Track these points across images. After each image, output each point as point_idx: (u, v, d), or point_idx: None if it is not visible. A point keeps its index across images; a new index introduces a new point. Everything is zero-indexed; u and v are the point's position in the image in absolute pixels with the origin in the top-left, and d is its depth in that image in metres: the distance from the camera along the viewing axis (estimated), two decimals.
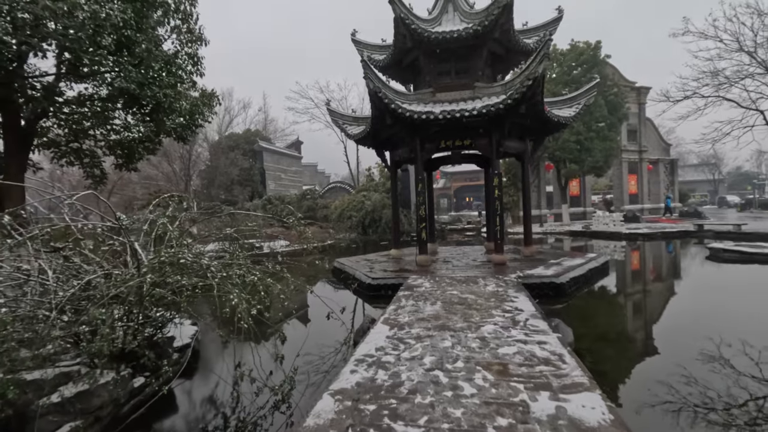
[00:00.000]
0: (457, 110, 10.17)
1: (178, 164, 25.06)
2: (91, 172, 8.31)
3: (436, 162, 15.21)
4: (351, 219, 27.29)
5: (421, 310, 6.56)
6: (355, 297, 10.61)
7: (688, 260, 15.75)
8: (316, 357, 6.26)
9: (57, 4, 5.45)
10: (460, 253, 14.41)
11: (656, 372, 5.28)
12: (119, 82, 6.58)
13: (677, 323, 7.68)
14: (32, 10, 5.41)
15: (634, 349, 6.50)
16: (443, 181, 59.69)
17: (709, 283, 11.47)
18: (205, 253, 4.95)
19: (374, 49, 13.26)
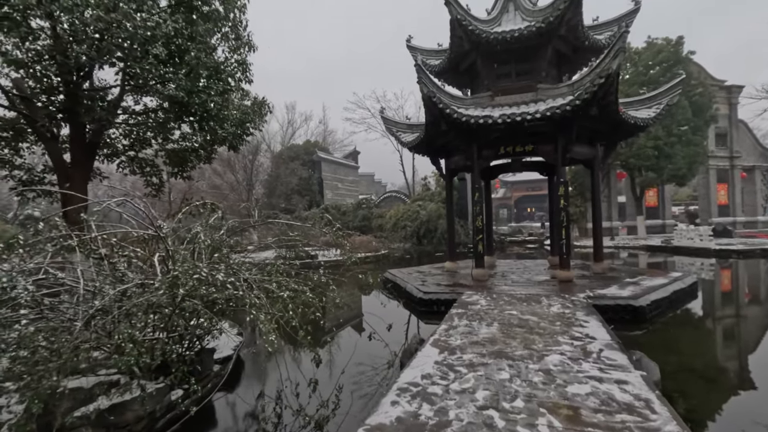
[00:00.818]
0: (518, 113, 9.43)
1: (241, 174, 26.36)
2: (150, 180, 8.73)
3: (495, 170, 14.37)
4: (405, 229, 26.89)
5: (476, 332, 5.93)
6: (405, 311, 10.13)
7: None
8: (360, 376, 5.86)
9: (110, 15, 5.73)
10: (521, 267, 13.41)
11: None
12: (169, 90, 6.81)
13: None
14: (87, 22, 5.73)
15: (734, 390, 5.37)
16: (503, 191, 57.53)
17: None
18: (243, 264, 4.78)
19: (429, 54, 12.87)
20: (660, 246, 22.35)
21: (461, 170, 13.41)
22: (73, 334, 3.05)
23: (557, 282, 10.05)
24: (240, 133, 8.55)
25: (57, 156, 7.62)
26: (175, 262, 4.09)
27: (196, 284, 3.34)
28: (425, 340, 5.67)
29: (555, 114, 9.08)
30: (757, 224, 31.04)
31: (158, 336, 4.00)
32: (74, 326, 3.13)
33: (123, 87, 7.35)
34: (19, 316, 3.15)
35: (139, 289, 3.58)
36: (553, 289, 9.34)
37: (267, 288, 4.39)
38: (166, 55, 6.51)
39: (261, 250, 22.93)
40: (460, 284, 10.35)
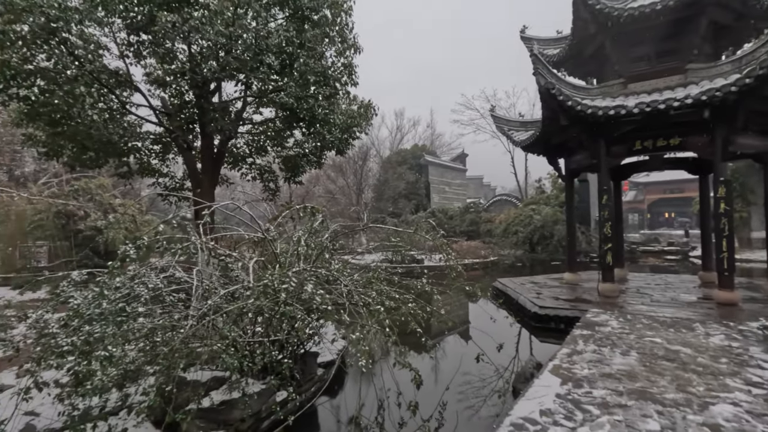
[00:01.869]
0: (661, 100, 7.91)
1: (351, 179, 27.58)
2: (268, 186, 9.44)
3: (627, 169, 12.45)
4: (517, 235, 25.16)
5: (607, 361, 4.97)
6: (516, 326, 9.23)
7: None
8: (464, 395, 5.35)
9: (229, 29, 6.24)
10: (661, 283, 11.34)
11: None
12: (280, 98, 7.19)
13: None
14: (212, 38, 6.33)
15: None
16: (633, 194, 50.70)
17: None
18: (344, 270, 4.66)
19: (547, 43, 11.69)
20: None
21: (584, 170, 11.91)
22: (183, 330, 3.20)
23: (715, 305, 8.17)
24: (347, 138, 8.73)
25: (191, 165, 8.74)
26: (281, 266, 4.16)
27: (284, 294, 3.29)
28: (543, 365, 4.91)
29: (714, 98, 7.39)
30: None
31: (260, 339, 4.07)
32: (184, 324, 3.30)
33: (245, 99, 8.07)
34: (142, 312, 3.44)
35: (247, 291, 3.68)
36: (709, 313, 7.59)
37: (366, 296, 4.19)
38: (277, 64, 6.93)
39: (368, 252, 23.56)
40: (584, 300, 9.08)
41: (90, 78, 6.80)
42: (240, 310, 3.44)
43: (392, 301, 4.38)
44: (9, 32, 6.01)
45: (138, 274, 3.93)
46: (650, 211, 50.20)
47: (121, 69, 7.86)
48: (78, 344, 2.96)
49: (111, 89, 7.49)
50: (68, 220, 15.96)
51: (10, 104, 7.04)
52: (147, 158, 9.26)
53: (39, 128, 7.34)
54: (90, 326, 3.15)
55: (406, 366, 3.87)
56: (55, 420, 3.73)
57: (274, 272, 3.47)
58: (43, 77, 6.64)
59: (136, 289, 3.59)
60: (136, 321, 3.30)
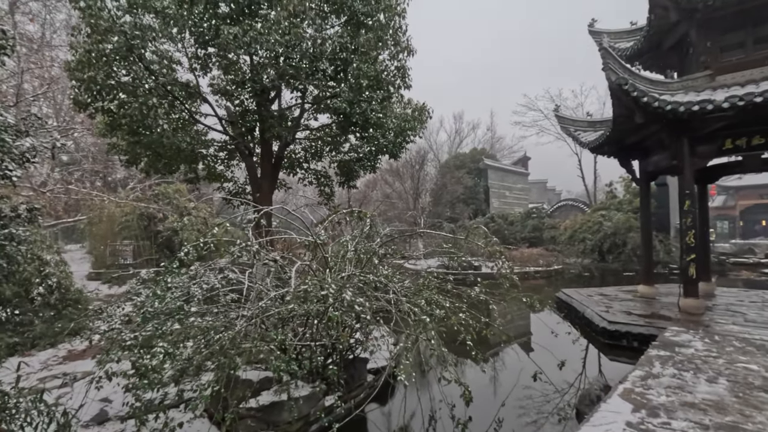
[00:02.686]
0: (758, 93, 6.96)
1: (408, 183, 27.48)
2: (323, 190, 9.62)
3: (715, 171, 11.12)
4: (584, 242, 23.53)
5: (690, 388, 4.39)
6: (582, 341, 8.55)
7: None
8: (524, 416, 5.00)
9: (285, 37, 6.42)
10: (757, 300, 9.95)
11: None
12: (334, 103, 7.27)
13: None
14: (270, 47, 6.58)
15: None
16: (722, 199, 45.55)
17: None
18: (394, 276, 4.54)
19: (619, 36, 10.83)
20: None
21: (663, 172, 10.84)
22: (233, 331, 3.28)
23: None
24: (401, 141, 8.63)
25: (252, 170, 9.16)
26: (331, 270, 4.16)
27: (331, 299, 3.23)
28: (612, 388, 4.45)
29: None
30: None
31: (307, 343, 4.08)
32: (236, 324, 3.39)
33: (302, 106, 8.29)
34: (195, 311, 3.59)
35: (287, 296, 3.71)
36: None
37: (415, 305, 4.04)
38: (332, 70, 7.03)
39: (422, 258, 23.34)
40: (661, 316, 8.20)
41: (163, 90, 7.42)
42: (286, 314, 3.47)
43: (442, 310, 4.20)
44: (95, 51, 6.71)
45: (197, 273, 4.12)
46: (743, 218, 44.73)
47: (191, 81, 8.49)
48: (139, 339, 3.14)
49: (181, 100, 8.11)
50: (150, 222, 17.50)
51: (96, 116, 7.87)
52: (213, 164, 9.88)
53: (120, 138, 8.14)
54: (151, 322, 3.34)
55: (456, 381, 3.67)
56: (125, 407, 4.00)
57: (314, 278, 3.44)
58: (123, 91, 7.35)
59: (193, 289, 3.77)
60: (189, 319, 3.44)
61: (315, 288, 3.31)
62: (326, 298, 3.23)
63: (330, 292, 3.21)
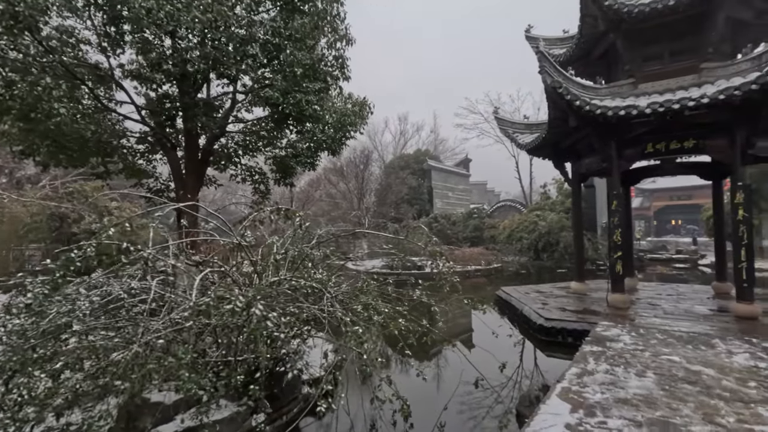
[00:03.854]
0: (675, 100, 7.45)
1: (352, 183, 27.15)
2: (258, 188, 8.97)
3: (638, 174, 11.95)
4: (521, 241, 24.62)
5: (622, 384, 4.48)
6: (520, 338, 8.73)
7: None
8: (466, 419, 4.86)
9: (207, 15, 5.84)
10: (672, 293, 10.79)
11: None
12: (266, 92, 6.78)
13: None
14: (188, 25, 5.93)
15: None
16: (639, 200, 49.97)
17: None
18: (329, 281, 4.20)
19: (553, 42, 11.25)
20: None
21: (594, 174, 11.42)
22: (132, 350, 2.76)
23: (733, 318, 7.64)
24: (340, 137, 8.25)
25: (175, 165, 8.29)
26: (260, 275, 3.73)
27: (231, 315, 2.84)
28: (551, 388, 4.43)
29: (733, 97, 6.92)
30: None
31: (226, 359, 3.62)
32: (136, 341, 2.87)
33: (234, 96, 7.64)
34: (78, 330, 3.00)
35: (187, 311, 3.23)
36: (727, 327, 7.08)
37: (351, 311, 3.74)
38: (263, 56, 6.50)
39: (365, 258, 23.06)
40: (592, 311, 8.57)
41: (62, 70, 6.42)
42: (197, 327, 3.00)
43: (380, 316, 3.93)
44: None
45: (94, 283, 3.50)
46: (657, 218, 49.52)
47: (102, 63, 7.50)
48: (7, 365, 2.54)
49: (86, 83, 7.09)
50: (62, 223, 15.65)
51: None
52: (132, 158, 8.81)
53: (11, 124, 6.93)
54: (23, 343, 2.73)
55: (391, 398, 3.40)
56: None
57: (220, 289, 3.01)
58: (11, 69, 6.25)
59: (80, 303, 3.16)
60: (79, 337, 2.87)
61: (222, 300, 2.87)
62: (233, 312, 2.81)
63: (237, 305, 2.78)
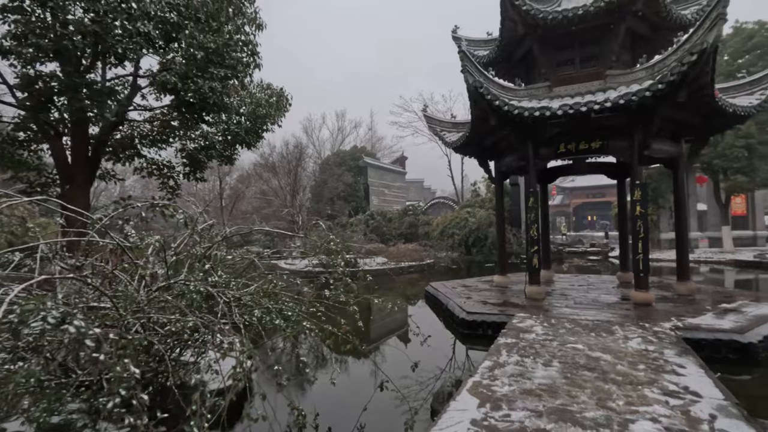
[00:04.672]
0: (583, 103, 7.95)
1: (285, 180, 26.32)
2: (166, 183, 8.17)
3: (554, 173, 12.74)
4: (453, 237, 25.39)
5: (529, 374, 4.63)
6: (447, 333, 8.88)
7: None
8: (384, 420, 4.75)
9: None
10: (584, 284, 11.65)
11: None
12: (163, 77, 6.16)
13: None
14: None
15: None
16: (560, 198, 54.05)
17: None
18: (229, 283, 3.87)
19: (477, 44, 11.60)
20: (753, 261, 19.13)
21: (514, 173, 11.97)
22: None
23: (632, 305, 8.35)
24: (256, 129, 7.73)
25: (60, 156, 7.24)
26: (142, 279, 3.31)
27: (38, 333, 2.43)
28: (462, 383, 4.45)
29: (630, 102, 7.52)
30: None
31: (91, 378, 3.17)
32: None
33: (135, 81, 6.84)
34: None
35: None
36: (627, 314, 7.70)
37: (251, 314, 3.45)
38: (159, 35, 5.84)
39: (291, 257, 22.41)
40: (512, 303, 8.94)
41: None
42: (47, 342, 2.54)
43: (284, 320, 3.67)
44: None
45: None
46: (575, 214, 53.80)
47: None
48: None
49: None
50: None
51: None
52: (10, 147, 7.54)
53: None
54: None
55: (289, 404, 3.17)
56: None
57: (31, 301, 2.58)
58: None
59: None
60: None
61: (28, 314, 2.42)
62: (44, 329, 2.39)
63: (49, 322, 2.35)
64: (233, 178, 30.84)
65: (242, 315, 3.42)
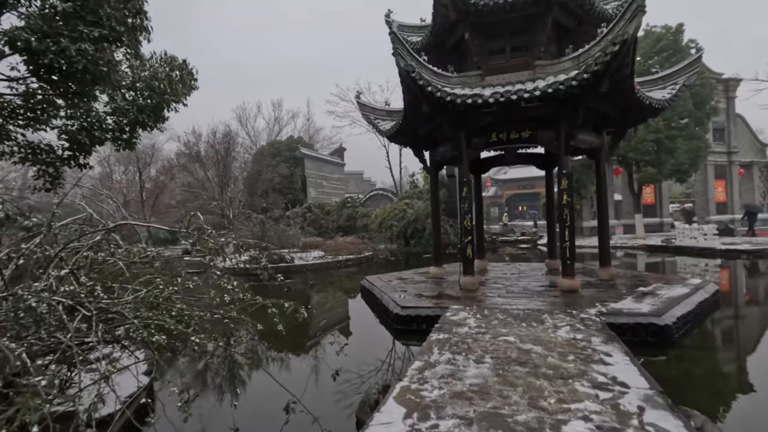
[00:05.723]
0: (513, 91, 7.88)
1: (212, 171, 24.45)
2: (44, 170, 6.78)
3: (487, 163, 12.85)
4: (392, 229, 25.26)
5: (461, 373, 4.33)
6: (381, 329, 8.52)
7: None
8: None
9: None
10: (516, 272, 11.88)
11: None
12: (12, 32, 5.01)
13: None
14: None
15: None
16: (494, 189, 56.34)
17: None
18: (94, 289, 3.10)
19: (411, 30, 11.25)
20: (660, 246, 21.04)
21: (448, 163, 11.85)
22: None
23: (560, 292, 8.51)
24: (154, 107, 6.61)
25: None
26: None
27: None
28: (390, 389, 4.04)
29: (558, 91, 7.55)
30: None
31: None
32: None
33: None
34: None
35: None
36: (556, 301, 7.80)
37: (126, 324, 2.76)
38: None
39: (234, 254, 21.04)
40: (447, 295, 8.77)
41: None
42: None
43: (167, 334, 3.01)
44: None
45: None
46: (508, 205, 56.31)
47: None
48: None
49: None
50: None
51: None
52: None
53: None
54: None
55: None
56: None
57: None
58: None
59: None
60: None
61: None
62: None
63: None
64: (154, 169, 28.19)
65: (114, 329, 2.70)
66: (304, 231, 25.49)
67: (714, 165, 29.83)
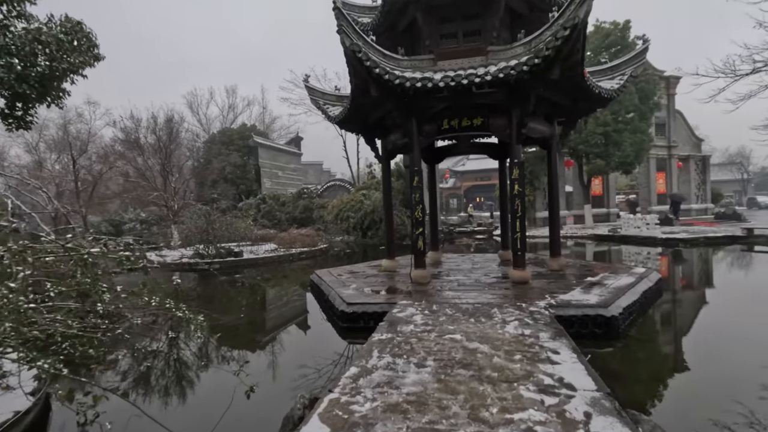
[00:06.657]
0: (464, 75, 7.53)
1: (154, 159, 22.64)
2: None
3: (440, 152, 12.55)
4: (348, 220, 24.68)
5: (399, 381, 3.91)
6: (327, 327, 8.00)
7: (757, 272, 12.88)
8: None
9: None
10: (469, 263, 11.71)
11: None
12: None
13: None
14: None
15: None
16: (453, 181, 56.92)
17: None
18: None
19: (361, 10, 10.64)
20: (607, 235, 21.86)
21: (400, 151, 11.41)
22: None
23: (511, 284, 8.35)
24: (40, 74, 5.64)
25: None
26: None
27: None
28: (317, 402, 3.54)
29: (509, 76, 7.26)
30: (690, 212, 31.97)
31: None
32: None
33: None
34: None
35: None
36: (506, 294, 7.60)
37: None
38: None
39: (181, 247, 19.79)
40: (397, 290, 8.38)
41: None
42: None
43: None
44: None
45: None
46: (466, 196, 57.17)
47: None
48: None
49: None
50: None
51: None
52: None
53: None
54: None
55: None
56: None
57: None
58: None
59: None
60: None
61: None
62: None
63: None
64: (87, 157, 25.78)
65: None
66: (258, 223, 24.39)
67: (656, 158, 31.39)
